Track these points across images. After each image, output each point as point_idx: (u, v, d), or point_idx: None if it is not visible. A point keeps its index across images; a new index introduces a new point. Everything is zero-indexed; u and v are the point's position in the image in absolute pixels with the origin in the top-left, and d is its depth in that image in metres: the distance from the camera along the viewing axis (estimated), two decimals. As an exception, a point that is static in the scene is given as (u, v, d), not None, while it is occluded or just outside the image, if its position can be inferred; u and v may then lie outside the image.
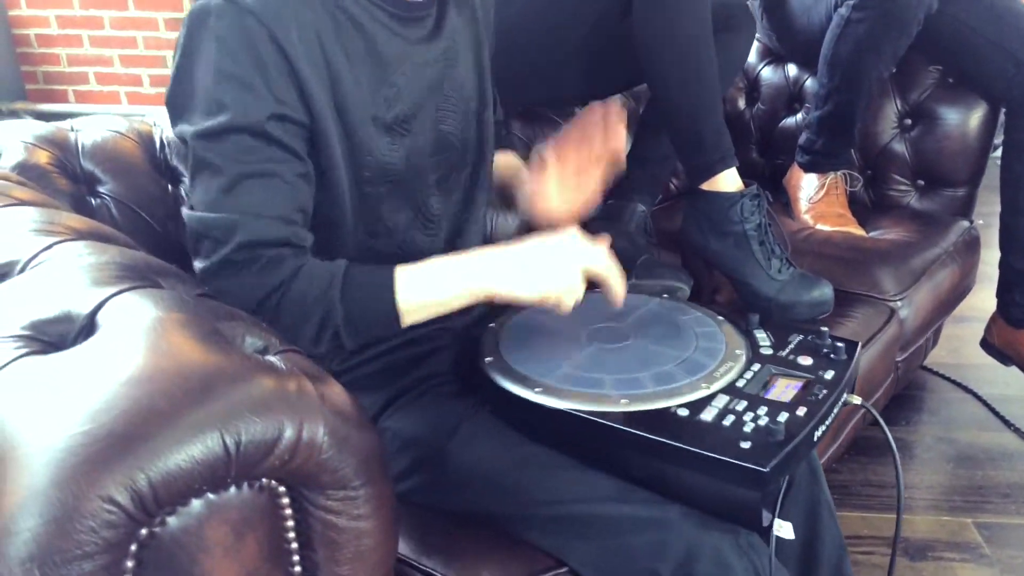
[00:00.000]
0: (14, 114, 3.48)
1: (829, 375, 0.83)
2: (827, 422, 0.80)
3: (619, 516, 0.76)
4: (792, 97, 1.76)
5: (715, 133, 1.24)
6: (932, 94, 1.62)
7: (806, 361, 0.86)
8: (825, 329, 0.90)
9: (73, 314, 0.55)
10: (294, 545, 0.53)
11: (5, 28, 3.42)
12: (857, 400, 0.86)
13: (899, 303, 1.34)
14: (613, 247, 1.01)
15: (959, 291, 1.56)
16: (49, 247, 0.63)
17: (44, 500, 0.43)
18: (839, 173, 1.62)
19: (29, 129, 1.00)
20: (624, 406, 0.78)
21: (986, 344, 1.67)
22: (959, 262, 1.51)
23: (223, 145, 0.74)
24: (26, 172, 0.92)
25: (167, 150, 1.06)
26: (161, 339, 0.51)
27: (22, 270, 0.61)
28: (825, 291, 1.22)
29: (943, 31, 1.53)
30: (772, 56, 1.79)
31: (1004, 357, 1.64)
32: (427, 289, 0.79)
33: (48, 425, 0.45)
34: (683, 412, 0.77)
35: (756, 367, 0.85)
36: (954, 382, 1.81)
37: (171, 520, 0.47)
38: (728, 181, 1.24)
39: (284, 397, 0.51)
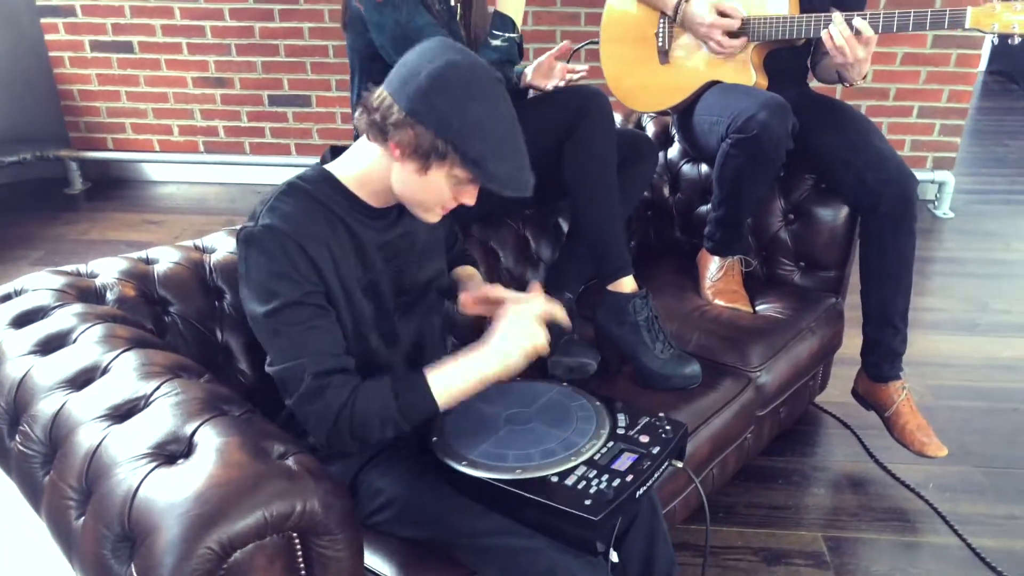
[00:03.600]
0: (59, 160, 3.95)
1: (656, 450, 1.26)
2: (649, 484, 1.22)
3: (512, 545, 1.19)
4: (705, 190, 2.18)
5: (617, 249, 1.67)
6: (808, 196, 2.03)
7: (644, 439, 1.28)
8: (662, 415, 1.33)
9: (180, 437, 0.98)
10: (302, 567, 0.96)
11: (51, 84, 3.87)
12: (679, 464, 1.28)
13: (758, 374, 1.76)
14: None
15: (820, 355, 1.98)
16: (158, 387, 1.07)
17: (175, 547, 0.87)
18: (736, 257, 2.04)
19: (119, 266, 1.43)
20: (518, 474, 1.20)
21: (855, 393, 2.09)
22: (819, 334, 1.93)
23: (280, 318, 1.16)
24: (123, 304, 1.35)
25: (214, 274, 1.49)
26: (228, 455, 0.95)
27: (146, 405, 1.05)
28: (695, 368, 1.65)
29: (811, 150, 1.95)
30: (689, 156, 2.21)
31: (867, 404, 2.05)
32: (456, 387, 1.20)
33: (176, 507, 0.89)
34: (554, 478, 1.19)
35: (610, 444, 1.26)
36: (836, 418, 2.23)
37: (236, 555, 0.90)
38: (626, 284, 1.67)
39: (295, 487, 0.94)
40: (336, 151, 1.32)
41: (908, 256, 1.89)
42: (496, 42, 1.60)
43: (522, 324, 1.21)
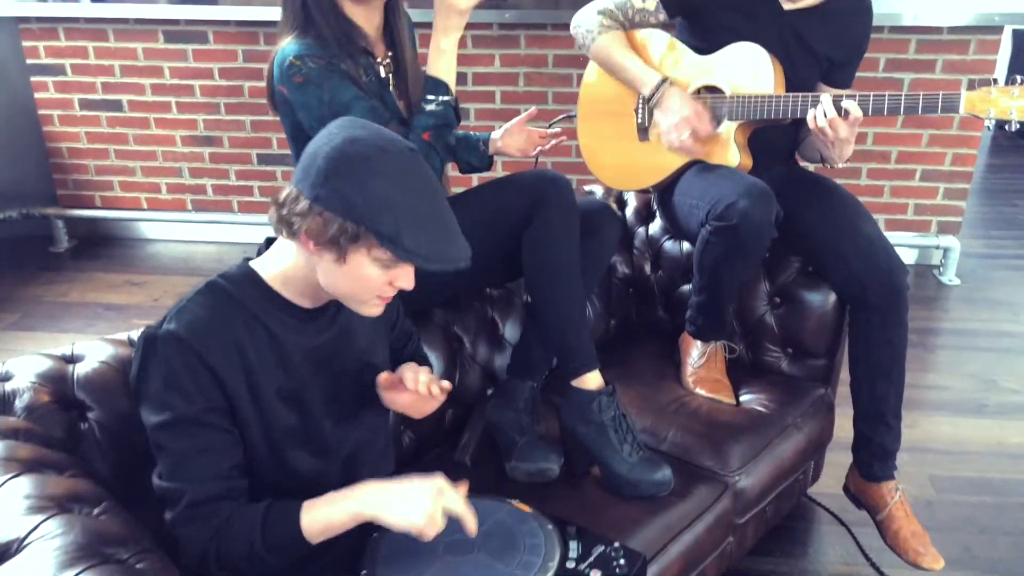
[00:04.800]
0: (45, 218, 3.90)
1: (608, 586, 1.13)
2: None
3: None
4: (687, 268, 2.05)
5: (580, 343, 1.55)
6: (795, 279, 1.91)
7: (596, 575, 1.16)
8: (618, 545, 1.20)
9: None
10: None
11: (40, 142, 3.84)
12: (634, 600, 1.15)
13: (737, 477, 1.63)
14: (502, 423, 1.34)
15: (807, 452, 1.84)
16: (37, 526, 0.96)
17: None
18: (719, 343, 1.92)
19: (35, 367, 1.32)
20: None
21: (846, 489, 1.94)
22: (806, 430, 1.79)
23: (170, 433, 1.08)
24: (33, 412, 1.25)
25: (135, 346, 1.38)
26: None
27: (18, 549, 0.93)
28: (666, 473, 1.52)
29: (797, 233, 1.83)
30: (671, 232, 2.10)
31: (859, 503, 1.91)
32: (326, 520, 1.10)
33: None
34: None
35: (557, 580, 1.14)
36: (830, 512, 2.08)
37: None
38: (590, 380, 1.55)
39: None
40: (271, 243, 1.22)
41: (899, 349, 1.76)
42: (430, 107, 1.51)
43: (429, 502, 1.08)
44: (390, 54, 1.63)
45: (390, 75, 1.63)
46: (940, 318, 3.20)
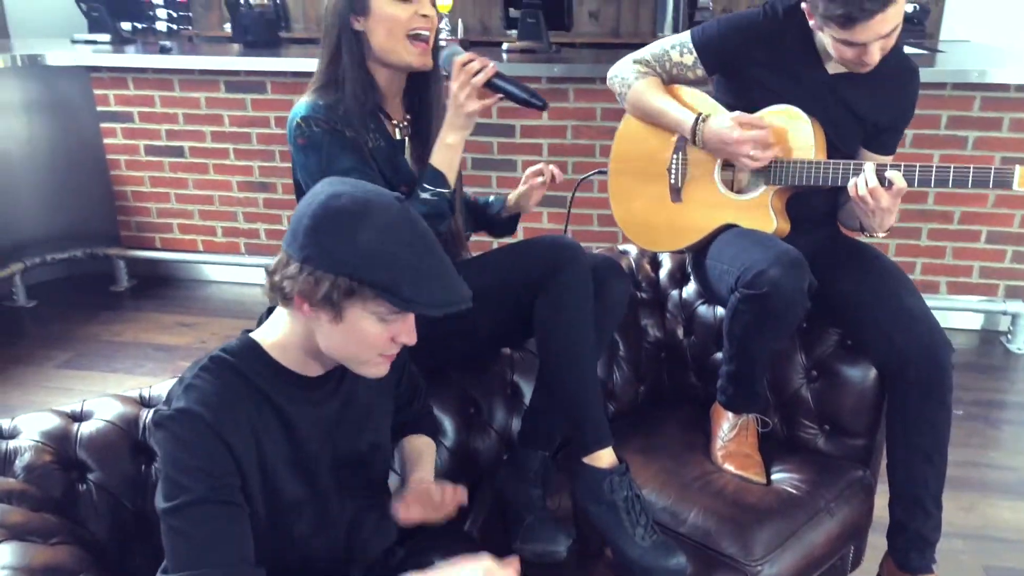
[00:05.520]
0: (108, 258, 4.04)
1: None
2: None
3: None
4: (721, 334, 1.97)
5: (593, 418, 1.49)
6: (834, 352, 1.81)
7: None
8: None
9: None
10: None
11: (107, 185, 4.00)
12: None
13: (761, 567, 1.52)
14: (510, 496, 1.29)
15: (841, 539, 1.71)
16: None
17: None
18: (751, 416, 1.82)
19: (41, 425, 1.33)
20: None
21: (882, 578, 1.81)
22: (839, 515, 1.67)
23: (184, 516, 1.02)
24: (32, 472, 1.25)
25: (147, 432, 1.39)
26: None
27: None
28: (680, 560, 1.43)
29: (836, 302, 1.74)
30: (705, 296, 2.03)
31: (894, 593, 1.77)
32: None
33: None
34: None
35: None
36: (873, 604, 1.93)
37: None
38: (602, 458, 1.48)
39: None
40: (271, 312, 1.21)
41: (941, 432, 1.64)
42: (425, 195, 1.50)
43: None
44: (408, 117, 1.64)
45: (406, 138, 1.63)
46: (1006, 389, 3.01)
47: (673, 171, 1.90)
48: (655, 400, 2.07)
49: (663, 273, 2.13)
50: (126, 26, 4.24)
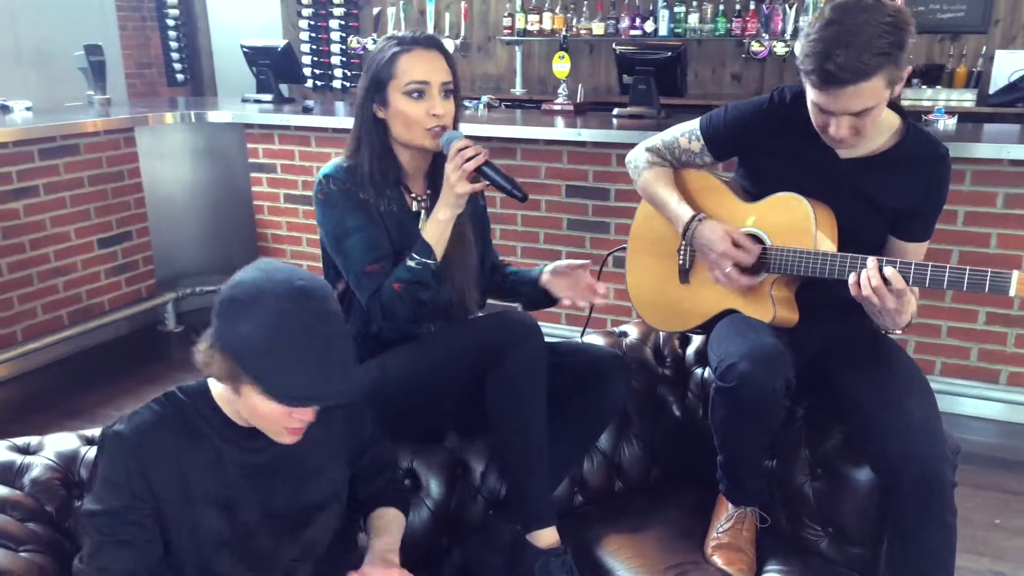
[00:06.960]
0: (247, 293, 4.46)
1: None
2: None
3: None
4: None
5: (536, 496, 1.51)
6: (839, 451, 1.70)
7: None
8: None
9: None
10: None
11: (252, 228, 4.45)
12: None
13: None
14: (477, 565, 1.41)
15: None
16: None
17: None
18: (750, 509, 1.74)
19: (61, 445, 1.53)
20: None
21: None
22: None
23: (97, 522, 1.20)
24: (36, 485, 1.46)
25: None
26: None
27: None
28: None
29: (841, 399, 1.64)
30: (724, 380, 1.96)
31: None
32: None
33: None
34: None
35: None
36: None
37: None
38: (543, 537, 1.50)
39: None
40: None
41: (940, 553, 1.50)
42: (411, 263, 1.58)
43: None
44: (429, 192, 1.75)
45: (423, 210, 1.74)
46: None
47: (681, 253, 1.88)
48: (671, 479, 2.02)
49: (690, 350, 2.09)
50: (284, 88, 4.73)
